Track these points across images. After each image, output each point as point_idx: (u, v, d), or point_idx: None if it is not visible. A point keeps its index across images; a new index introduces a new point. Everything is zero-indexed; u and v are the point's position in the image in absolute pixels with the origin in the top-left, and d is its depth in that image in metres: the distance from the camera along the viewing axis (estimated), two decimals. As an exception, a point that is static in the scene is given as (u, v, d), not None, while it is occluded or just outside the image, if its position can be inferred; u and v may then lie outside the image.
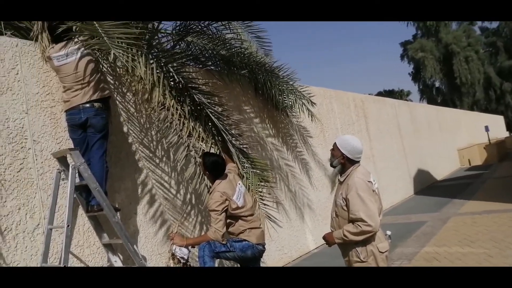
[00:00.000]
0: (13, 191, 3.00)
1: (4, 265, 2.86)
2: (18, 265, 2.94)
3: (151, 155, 4.14)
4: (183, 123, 3.84)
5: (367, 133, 9.27)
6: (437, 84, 39.61)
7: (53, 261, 3.13)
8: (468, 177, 12.98)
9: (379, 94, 41.39)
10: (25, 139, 3.14)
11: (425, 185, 11.99)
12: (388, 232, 2.82)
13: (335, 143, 2.79)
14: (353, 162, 2.74)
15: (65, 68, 3.20)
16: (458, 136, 17.95)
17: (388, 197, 9.22)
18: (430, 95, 39.61)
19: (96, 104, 3.23)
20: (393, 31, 73.48)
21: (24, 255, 2.98)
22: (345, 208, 2.67)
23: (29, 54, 3.31)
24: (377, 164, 9.27)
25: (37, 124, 3.24)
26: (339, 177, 2.83)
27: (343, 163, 2.75)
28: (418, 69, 38.19)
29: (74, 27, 3.31)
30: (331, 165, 2.83)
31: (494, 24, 38.81)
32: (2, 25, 3.79)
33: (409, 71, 40.42)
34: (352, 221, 2.60)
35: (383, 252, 2.63)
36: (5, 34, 3.71)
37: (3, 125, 3.03)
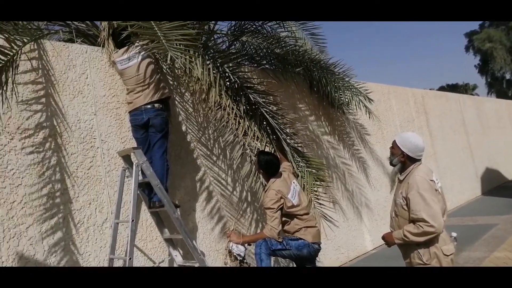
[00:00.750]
0: (84, 187, 3.23)
1: (78, 255, 3.10)
2: (90, 256, 3.16)
3: (208, 153, 4.26)
4: (239, 122, 3.90)
5: (428, 130, 8.82)
6: (507, 76, 36.66)
7: (120, 253, 3.33)
8: (545, 177, 11.90)
9: (442, 89, 39.17)
10: (94, 138, 3.37)
11: (495, 185, 11.16)
12: (454, 234, 2.67)
13: (394, 140, 2.70)
14: (414, 160, 2.63)
15: (127, 71, 3.39)
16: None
17: (453, 197, 8.71)
18: (499, 88, 36.74)
19: (156, 105, 3.38)
20: (457, 21, 69.08)
21: (95, 246, 3.21)
22: (405, 207, 2.57)
23: (96, 59, 3.54)
24: (439, 163, 8.79)
25: (104, 124, 3.47)
26: (399, 175, 2.72)
27: (403, 161, 2.65)
28: (486, 61, 35.58)
29: (134, 32, 3.48)
30: (391, 164, 2.74)
31: None
32: (74, 34, 4.10)
33: (474, 63, 37.70)
34: (413, 221, 2.50)
35: (448, 255, 2.50)
36: (76, 41, 4.01)
37: (75, 126, 3.27)
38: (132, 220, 3.10)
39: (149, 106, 3.35)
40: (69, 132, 3.23)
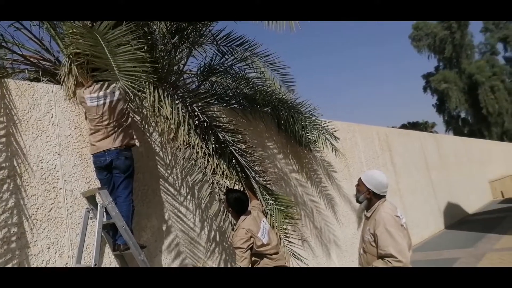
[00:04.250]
0: (44, 230, 3.08)
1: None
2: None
3: (176, 193, 4.20)
4: (208, 161, 3.90)
5: (393, 167, 9.12)
6: (462, 115, 38.90)
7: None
8: (503, 210, 12.42)
9: (403, 126, 40.84)
10: (57, 179, 3.26)
11: (456, 219, 11.53)
12: None
13: (360, 178, 2.78)
14: (379, 197, 2.70)
15: (95, 109, 3.31)
16: (488, 167, 17.37)
17: (418, 232, 8.90)
18: (456, 126, 38.83)
19: (119, 146, 3.32)
20: (415, 64, 73.54)
21: (53, 294, 3.01)
22: (373, 244, 2.61)
23: (63, 98, 3.49)
24: (404, 198, 9.03)
25: (69, 164, 3.37)
26: (366, 212, 2.78)
27: (369, 198, 2.72)
28: (442, 100, 37.74)
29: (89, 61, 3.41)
30: (357, 201, 2.80)
31: (519, 54, 38.27)
32: (40, 72, 4.04)
33: (432, 102, 39.82)
34: (381, 257, 2.53)
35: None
36: (42, 80, 3.95)
37: (37, 166, 3.16)
38: (95, 264, 2.96)
39: (112, 148, 3.28)
40: (30, 172, 3.11)
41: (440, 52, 37.43)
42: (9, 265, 2.84)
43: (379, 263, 2.53)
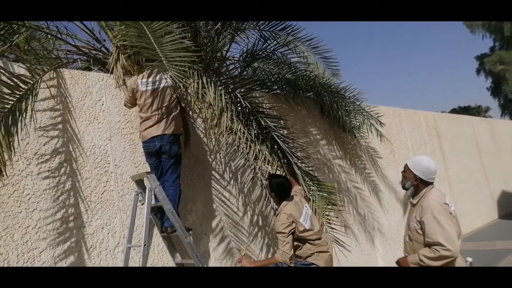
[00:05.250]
0: (98, 211, 3.27)
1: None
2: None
3: (219, 177, 4.29)
4: (250, 146, 3.94)
5: (442, 153, 8.74)
6: (521, 98, 36.32)
7: (132, 278, 3.32)
8: None
9: (454, 111, 38.88)
10: (108, 163, 3.43)
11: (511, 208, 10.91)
12: (469, 259, 2.62)
13: (406, 164, 2.70)
14: (426, 183, 2.62)
15: (148, 94, 3.40)
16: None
17: (468, 221, 8.52)
18: (513, 111, 36.39)
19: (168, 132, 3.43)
20: (467, 44, 69.17)
21: (106, 271, 3.21)
22: (420, 231, 2.54)
23: (112, 86, 3.65)
24: (453, 186, 8.66)
25: (118, 149, 3.53)
26: (412, 199, 2.71)
27: (416, 184, 2.64)
28: (498, 83, 35.39)
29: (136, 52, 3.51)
30: (403, 188, 2.73)
31: None
32: (91, 62, 4.24)
33: (486, 86, 37.47)
34: (428, 245, 2.46)
35: (463, 282, 2.44)
36: (93, 69, 4.15)
37: (90, 151, 3.34)
38: (144, 245, 3.11)
39: (161, 134, 3.38)
40: (84, 157, 3.30)
41: (497, 32, 34.95)
42: (67, 244, 3.05)
43: (425, 251, 2.47)
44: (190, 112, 4.20)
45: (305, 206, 3.52)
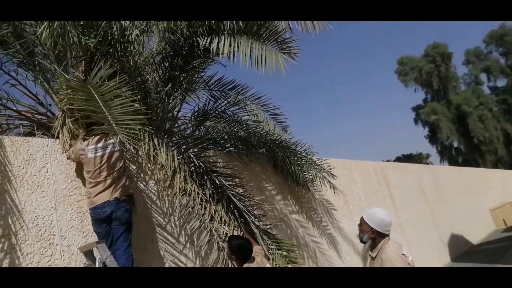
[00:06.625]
0: (40, 290, 2.96)
1: None
2: None
3: (174, 241, 4.10)
4: (205, 207, 3.85)
5: (392, 202, 9.05)
6: (455, 144, 39.27)
7: None
8: (507, 238, 12.24)
9: (398, 159, 41.04)
10: (53, 235, 3.18)
11: (462, 250, 11.32)
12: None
13: (362, 217, 2.74)
14: (383, 235, 2.66)
15: (96, 161, 3.28)
16: (487, 196, 17.30)
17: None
18: (450, 156, 39.09)
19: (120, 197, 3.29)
20: (402, 97, 74.97)
21: None
22: (381, 285, 2.53)
23: (58, 152, 3.48)
24: (406, 233, 8.90)
25: (65, 219, 3.30)
26: (371, 252, 2.72)
27: (373, 237, 2.67)
28: (434, 131, 38.23)
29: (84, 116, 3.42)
30: (361, 241, 2.75)
31: (502, 82, 39.37)
32: (35, 126, 4.05)
33: (424, 134, 40.29)
34: (391, 300, 2.44)
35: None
36: (37, 134, 3.96)
37: (32, 223, 3.09)
38: (93, 324, 2.82)
39: (111, 199, 3.24)
40: (26, 230, 3.04)
41: (427, 85, 38.36)
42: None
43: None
44: (142, 174, 4.07)
45: (267, 266, 3.42)
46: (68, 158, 3.46)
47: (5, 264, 2.85)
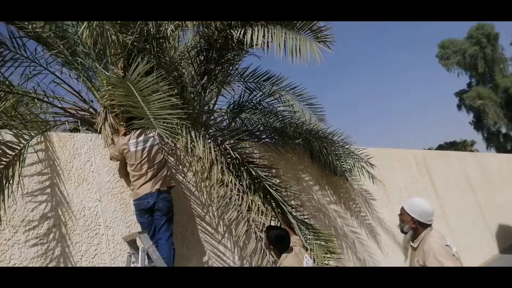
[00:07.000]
0: (88, 277, 3.12)
1: None
2: None
3: (213, 231, 4.18)
4: (242, 198, 3.89)
5: (434, 191, 8.74)
6: (503, 130, 37.22)
7: None
8: (561, 229, 11.51)
9: (441, 147, 39.50)
10: (99, 225, 3.33)
11: (511, 241, 10.77)
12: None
13: (402, 207, 2.67)
14: (425, 226, 2.58)
15: (139, 154, 3.41)
16: (539, 184, 16.30)
17: (470, 258, 8.36)
18: (498, 143, 37.10)
19: (161, 188, 3.39)
20: (445, 82, 71.66)
21: None
22: (423, 276, 2.46)
23: (101, 146, 3.63)
24: (450, 223, 8.58)
25: (109, 210, 3.45)
26: (412, 243, 2.65)
27: (414, 227, 2.60)
28: (479, 117, 36.41)
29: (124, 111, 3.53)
30: (402, 231, 2.68)
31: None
32: (79, 122, 4.24)
33: (468, 120, 38.47)
34: (433, 291, 2.38)
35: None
36: (81, 130, 4.14)
37: (80, 214, 3.25)
38: (139, 310, 2.95)
39: (153, 190, 3.35)
40: (74, 220, 3.20)
41: (471, 69, 36.49)
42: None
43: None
44: (180, 167, 4.17)
45: (306, 257, 3.42)
46: (111, 159, 3.59)
47: (57, 252, 3.03)
